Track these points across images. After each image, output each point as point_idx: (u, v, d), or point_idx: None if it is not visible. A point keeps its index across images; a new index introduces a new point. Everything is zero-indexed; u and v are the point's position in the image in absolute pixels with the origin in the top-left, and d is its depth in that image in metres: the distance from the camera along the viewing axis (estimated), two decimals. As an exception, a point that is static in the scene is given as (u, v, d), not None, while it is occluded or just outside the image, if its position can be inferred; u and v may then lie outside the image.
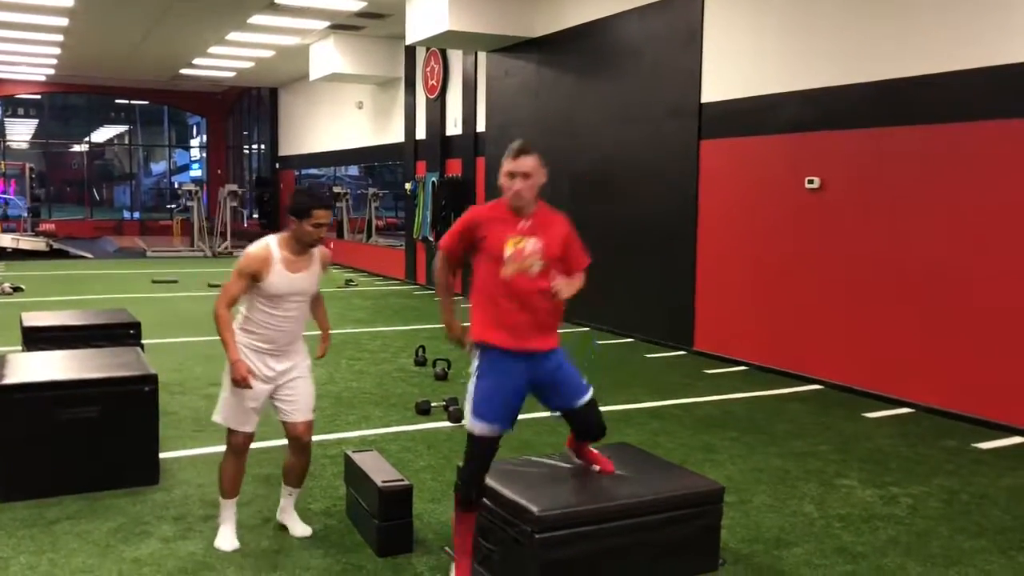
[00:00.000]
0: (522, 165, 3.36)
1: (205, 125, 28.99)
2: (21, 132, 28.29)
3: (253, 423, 3.87)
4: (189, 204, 21.83)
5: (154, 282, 14.71)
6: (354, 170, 19.77)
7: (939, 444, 5.78)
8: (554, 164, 11.53)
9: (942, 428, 6.17)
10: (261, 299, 3.77)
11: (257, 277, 3.73)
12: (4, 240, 19.64)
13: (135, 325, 6.70)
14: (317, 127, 20.42)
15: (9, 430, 4.42)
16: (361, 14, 13.56)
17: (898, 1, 6.75)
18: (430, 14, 11.33)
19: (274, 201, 23.38)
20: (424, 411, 6.26)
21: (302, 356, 3.97)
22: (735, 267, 8.36)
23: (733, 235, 8.36)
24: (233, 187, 22.20)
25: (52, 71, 21.46)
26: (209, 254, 20.90)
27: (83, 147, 28.75)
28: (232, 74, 20.74)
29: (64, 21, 14.74)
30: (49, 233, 22.45)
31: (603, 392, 7.10)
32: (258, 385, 3.78)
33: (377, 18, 13.84)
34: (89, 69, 21.10)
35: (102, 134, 30.02)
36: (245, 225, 24.21)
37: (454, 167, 13.79)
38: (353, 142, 18.37)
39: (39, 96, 26.59)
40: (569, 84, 10.80)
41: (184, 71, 20.53)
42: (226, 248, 21.29)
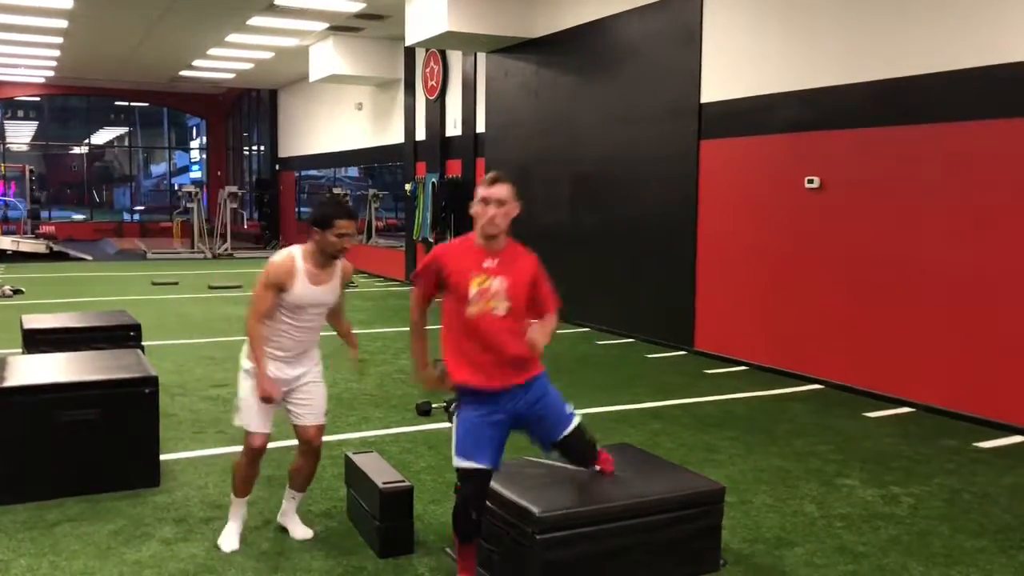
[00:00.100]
0: (496, 192, 3.27)
1: (205, 127, 28.99)
2: (21, 134, 28.29)
3: (270, 424, 3.89)
4: (189, 206, 21.85)
5: (154, 284, 14.71)
6: (354, 171, 19.75)
7: (940, 443, 5.78)
8: (554, 164, 11.64)
9: (943, 427, 6.17)
10: (281, 308, 3.78)
11: (282, 288, 3.73)
12: (4, 242, 19.64)
13: (135, 327, 6.70)
14: (317, 128, 20.42)
15: (9, 432, 4.42)
16: (360, 15, 13.57)
17: (898, 1, 6.75)
18: (429, 15, 11.33)
19: (274, 203, 23.38)
20: (425, 412, 6.25)
21: (315, 362, 3.99)
22: (735, 267, 8.35)
23: (733, 235, 8.36)
24: (233, 189, 22.21)
25: (52, 73, 21.47)
26: (209, 256, 20.90)
27: (83, 149, 28.76)
28: (231, 76, 20.75)
29: (63, 23, 14.75)
30: (49, 235, 22.46)
31: (604, 392, 7.15)
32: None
33: (376, 19, 13.85)
34: (89, 71, 21.11)
35: (102, 136, 30.00)
36: (245, 227, 24.22)
37: (454, 168, 13.78)
38: (353, 143, 18.36)
39: (39, 98, 26.60)
40: (569, 84, 10.80)
41: (184, 73, 20.53)
42: (226, 250, 21.29)
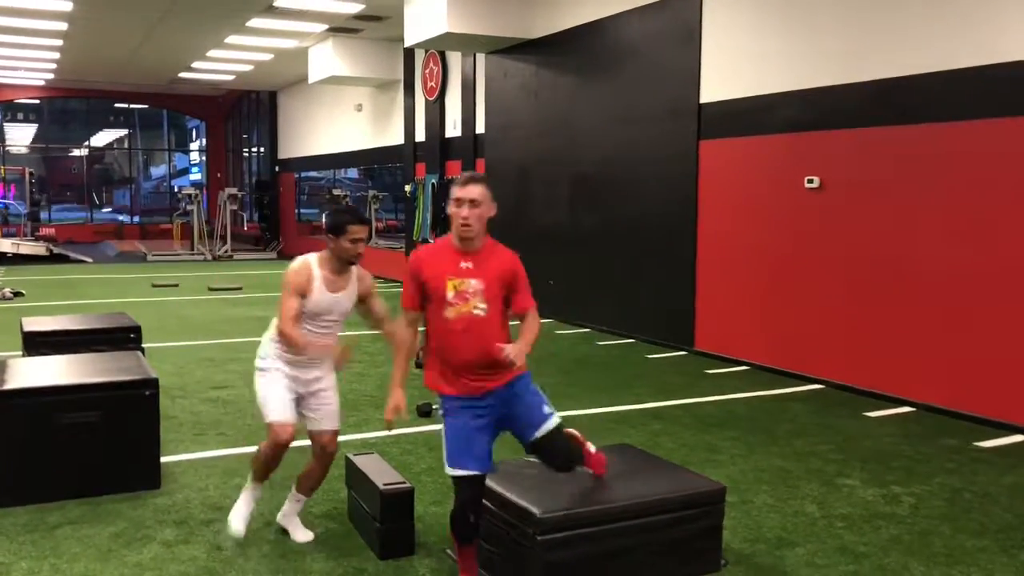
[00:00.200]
0: (470, 192, 3.25)
1: (204, 129, 28.99)
2: (21, 137, 28.28)
3: (294, 416, 3.89)
4: (189, 208, 21.85)
5: (154, 286, 14.71)
6: (353, 173, 19.75)
7: (940, 443, 5.77)
8: (554, 165, 11.63)
9: (943, 427, 6.16)
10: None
11: (303, 293, 3.75)
12: (4, 245, 19.64)
13: (135, 329, 6.70)
14: (316, 130, 20.42)
15: (10, 435, 4.41)
16: (359, 17, 13.57)
17: (897, 0, 6.75)
18: (428, 16, 11.33)
19: (274, 204, 23.38)
20: (425, 413, 6.25)
21: (328, 368, 4.01)
22: (735, 267, 8.35)
23: (733, 235, 8.35)
24: (233, 190, 22.22)
25: (51, 76, 21.47)
26: (209, 258, 20.91)
27: (83, 151, 28.77)
28: (231, 77, 20.75)
29: (63, 26, 14.75)
30: (49, 238, 22.46)
31: (605, 393, 7.15)
32: (289, 382, 3.86)
33: (375, 20, 13.85)
34: (88, 73, 21.12)
35: (101, 138, 30.02)
36: (245, 228, 24.22)
37: (454, 169, 13.78)
38: (352, 145, 18.36)
39: (38, 101, 26.60)
40: (568, 85, 10.80)
41: (183, 75, 20.54)
42: (226, 252, 21.29)
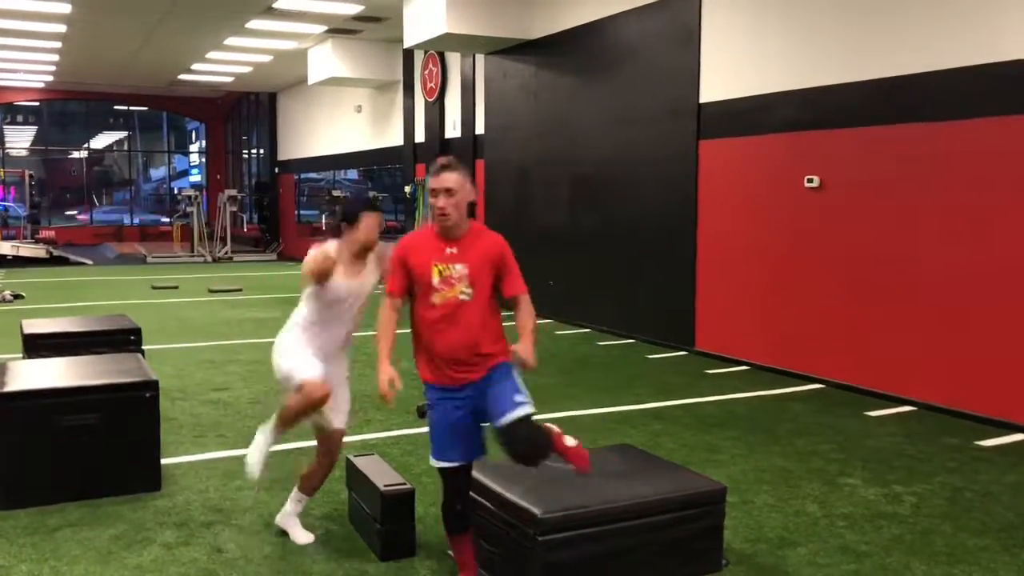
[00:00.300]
0: (444, 181, 3.20)
1: (204, 130, 28.99)
2: (20, 139, 28.27)
3: (326, 375, 3.87)
4: (189, 210, 21.84)
5: (154, 288, 14.71)
6: (353, 174, 19.75)
7: (942, 442, 5.76)
8: (553, 165, 11.61)
9: (944, 426, 6.15)
10: (318, 304, 3.88)
11: (324, 275, 3.80)
12: (4, 247, 19.64)
13: (135, 331, 6.70)
14: (316, 131, 20.42)
15: (10, 437, 4.41)
16: (359, 18, 13.57)
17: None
18: (428, 17, 11.33)
19: (273, 206, 23.37)
20: (425, 414, 6.23)
21: (343, 366, 4.06)
22: (735, 267, 8.35)
23: (733, 235, 8.35)
24: (232, 192, 22.21)
25: (51, 78, 21.47)
26: (209, 259, 20.91)
27: (82, 154, 28.76)
28: (230, 79, 20.75)
29: (62, 28, 14.75)
30: (49, 240, 22.46)
31: (605, 393, 7.14)
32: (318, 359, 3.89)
33: (375, 22, 13.85)
34: (87, 76, 21.11)
35: (101, 140, 30.00)
36: (245, 230, 24.21)
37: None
38: (352, 146, 18.36)
39: (38, 103, 26.60)
40: (567, 85, 10.80)
41: (182, 77, 20.53)
42: (226, 253, 21.29)
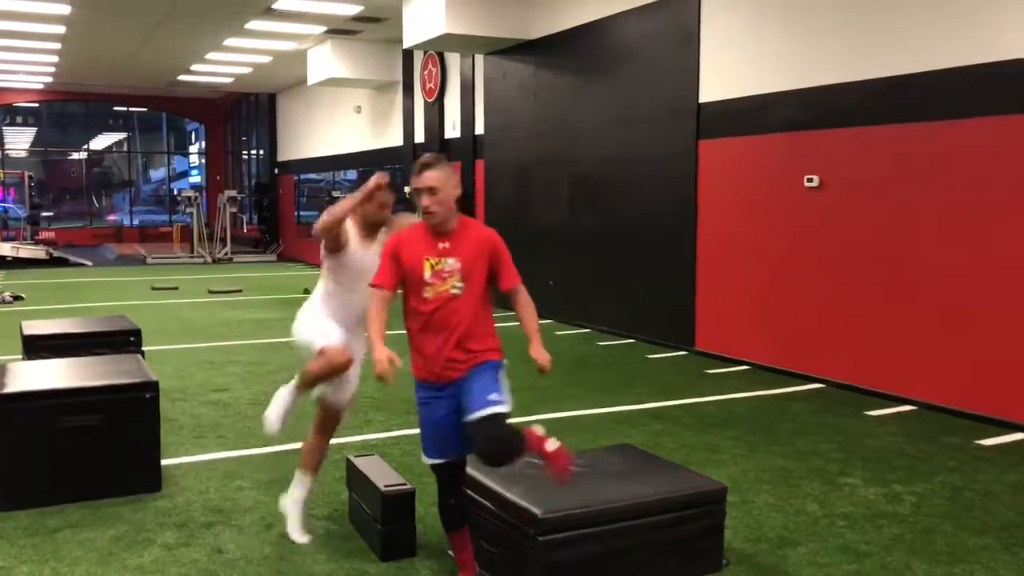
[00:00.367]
0: (426, 180, 3.19)
1: (203, 131, 28.99)
2: (20, 141, 28.28)
3: (343, 337, 3.94)
4: (188, 211, 21.85)
5: (154, 289, 14.71)
6: (353, 174, 19.73)
7: (942, 441, 5.76)
8: (553, 165, 11.61)
9: (945, 425, 6.15)
10: (339, 277, 3.97)
11: (339, 237, 3.85)
12: (4, 249, 19.63)
13: (135, 332, 6.69)
14: (316, 132, 20.42)
15: (10, 439, 4.41)
16: (358, 18, 13.57)
17: (895, -2, 6.76)
18: (427, 17, 11.33)
19: (273, 207, 23.36)
20: None
21: (361, 342, 4.08)
22: (735, 267, 8.35)
23: (733, 234, 8.35)
24: (232, 193, 22.21)
25: (50, 79, 21.46)
26: (209, 260, 20.91)
27: (82, 155, 28.76)
28: (230, 80, 20.74)
29: (61, 29, 14.74)
30: (49, 241, 22.46)
31: (605, 393, 7.14)
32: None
33: (374, 22, 13.85)
34: (87, 77, 21.11)
35: (100, 141, 29.99)
36: (245, 231, 24.21)
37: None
38: (352, 146, 18.36)
39: (37, 104, 26.60)
40: (567, 85, 10.80)
41: (182, 78, 20.53)
42: (226, 254, 21.29)
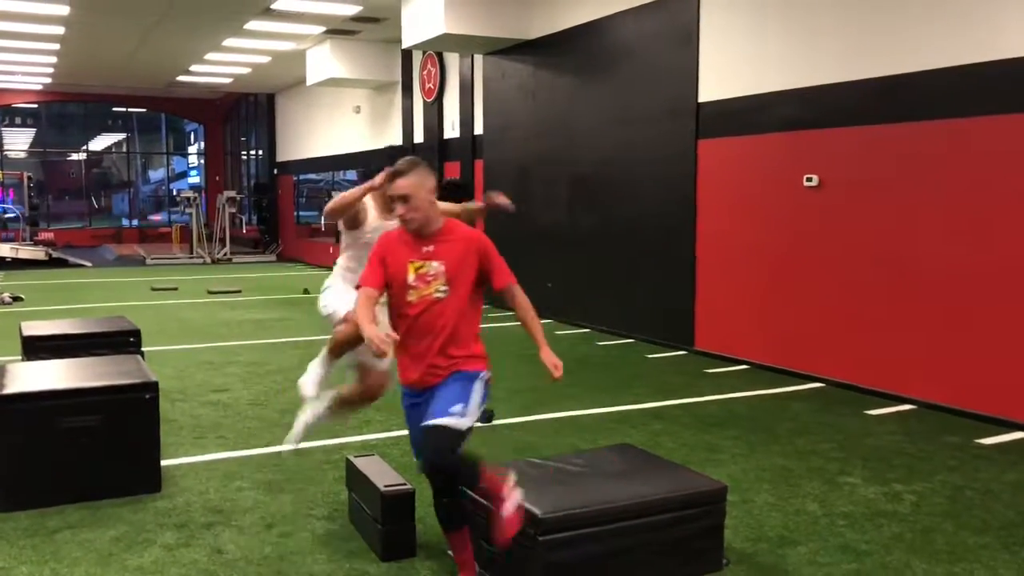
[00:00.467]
0: (398, 188, 3.18)
1: (203, 132, 28.98)
2: (19, 141, 28.27)
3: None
4: (188, 211, 21.84)
5: (153, 289, 14.71)
6: (352, 174, 19.73)
7: (942, 440, 5.77)
8: (552, 165, 11.62)
9: (945, 424, 6.15)
10: (356, 250, 4.08)
11: (357, 221, 3.98)
12: (3, 250, 19.63)
13: (135, 332, 6.69)
14: (315, 132, 20.41)
15: (9, 439, 4.41)
16: (357, 19, 13.57)
17: (894, -2, 6.76)
18: (426, 17, 11.33)
19: (272, 207, 23.35)
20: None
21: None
22: (735, 266, 8.35)
23: (732, 234, 8.35)
24: (231, 193, 22.20)
25: (49, 80, 21.46)
26: (208, 261, 20.90)
27: (81, 156, 28.75)
28: (229, 80, 20.74)
29: (60, 30, 14.74)
30: (48, 242, 22.45)
31: (605, 393, 7.14)
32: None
33: (373, 22, 13.85)
34: (86, 78, 21.10)
35: (100, 142, 29.98)
36: (244, 231, 24.20)
37: (452, 170, 13.78)
38: (351, 146, 18.36)
39: (36, 105, 26.59)
40: (566, 85, 10.80)
41: (181, 78, 20.53)
42: (225, 255, 21.28)
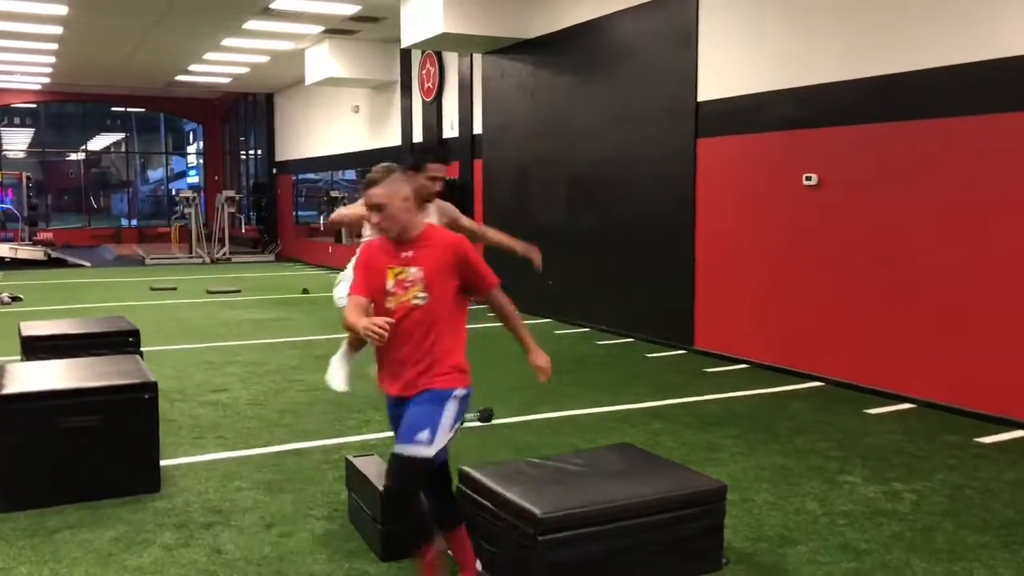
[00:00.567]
0: (371, 198, 3.14)
1: (201, 131, 28.97)
2: (17, 141, 28.25)
3: None
4: (187, 211, 21.83)
5: (153, 289, 14.70)
6: (351, 174, 19.73)
7: (941, 439, 5.77)
8: (551, 165, 11.63)
9: (944, 423, 6.16)
10: None
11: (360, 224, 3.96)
12: (2, 250, 19.62)
13: (134, 332, 6.69)
14: (314, 132, 20.41)
15: (9, 439, 4.40)
16: (356, 18, 13.56)
17: (893, -4, 6.76)
18: (425, 17, 11.33)
19: (271, 207, 23.33)
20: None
21: None
22: (734, 265, 8.35)
23: (731, 233, 8.35)
24: (230, 193, 22.19)
25: (47, 80, 21.44)
26: (207, 260, 20.89)
27: (80, 155, 28.74)
28: (228, 80, 20.73)
29: (58, 30, 14.73)
30: (47, 242, 22.44)
31: (604, 392, 7.14)
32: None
33: (372, 22, 13.84)
34: (84, 77, 21.08)
35: (98, 142, 29.96)
36: (243, 231, 24.19)
37: (451, 170, 13.77)
38: (350, 146, 18.36)
39: (35, 105, 26.57)
40: (565, 85, 10.80)
41: (180, 78, 20.51)
42: (224, 254, 21.27)
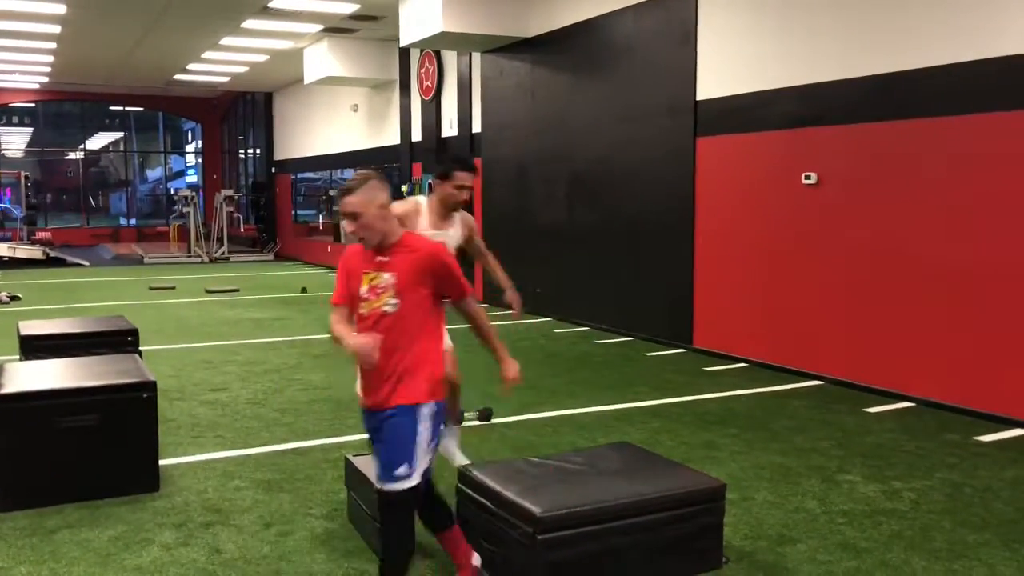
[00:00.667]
0: (346, 207, 3.11)
1: (200, 130, 28.95)
2: (16, 141, 28.23)
3: None
4: (185, 210, 21.82)
5: (151, 288, 14.70)
6: (350, 173, 19.73)
7: (941, 438, 5.77)
8: (551, 163, 11.63)
9: (943, 422, 6.16)
10: None
11: (403, 223, 3.87)
12: (1, 249, 19.61)
13: (133, 332, 6.68)
14: (312, 131, 20.40)
15: (8, 439, 4.40)
16: (355, 17, 13.56)
17: (892, -5, 6.75)
18: (423, 16, 11.32)
19: (270, 206, 23.33)
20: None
21: None
22: (733, 264, 8.35)
23: (731, 232, 8.35)
24: (229, 192, 22.19)
25: (46, 79, 21.42)
26: (206, 260, 20.89)
27: (78, 155, 28.72)
28: (226, 79, 20.72)
29: (57, 28, 14.71)
30: (46, 241, 22.43)
31: (604, 391, 7.14)
32: None
33: (371, 20, 13.83)
34: (83, 76, 21.07)
35: (97, 141, 29.94)
36: (242, 230, 24.18)
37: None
38: (349, 145, 18.36)
39: (33, 104, 26.55)
40: (564, 83, 10.79)
41: (178, 77, 20.50)
42: (223, 254, 21.27)
